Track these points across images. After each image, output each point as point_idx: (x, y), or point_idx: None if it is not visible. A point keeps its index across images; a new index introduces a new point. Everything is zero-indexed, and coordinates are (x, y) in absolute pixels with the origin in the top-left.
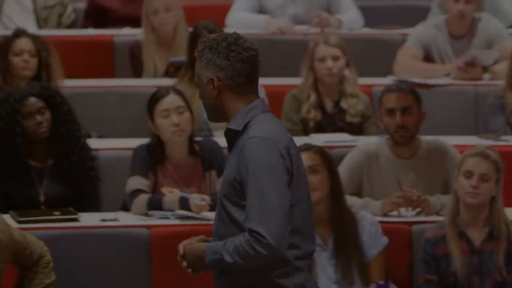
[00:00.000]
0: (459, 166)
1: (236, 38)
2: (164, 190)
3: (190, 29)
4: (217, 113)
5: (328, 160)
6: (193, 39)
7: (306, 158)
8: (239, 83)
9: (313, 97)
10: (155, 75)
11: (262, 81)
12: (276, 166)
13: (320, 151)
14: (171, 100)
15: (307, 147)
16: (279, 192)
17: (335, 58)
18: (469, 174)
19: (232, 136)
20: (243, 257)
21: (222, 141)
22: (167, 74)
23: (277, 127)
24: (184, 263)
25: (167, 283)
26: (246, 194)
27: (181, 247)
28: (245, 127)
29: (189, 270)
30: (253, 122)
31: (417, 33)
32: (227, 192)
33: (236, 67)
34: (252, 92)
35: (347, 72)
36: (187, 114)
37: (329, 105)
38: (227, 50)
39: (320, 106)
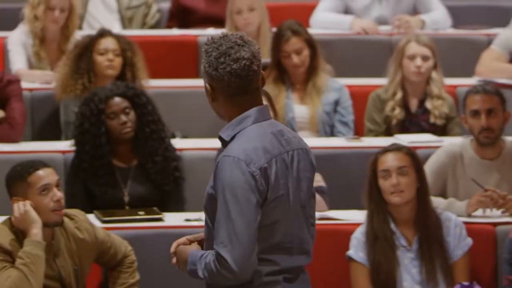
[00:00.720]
0: None
1: (229, 47)
2: None
3: (274, 29)
4: (220, 116)
5: (417, 161)
6: (277, 39)
7: (396, 159)
8: (231, 94)
9: (399, 95)
10: None
11: (346, 81)
12: (244, 189)
13: (410, 153)
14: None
15: (397, 148)
16: (246, 217)
17: (425, 58)
18: None
19: (223, 144)
20: (210, 275)
21: (306, 141)
22: None
23: (259, 144)
24: (174, 260)
25: None
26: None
27: (174, 245)
28: (232, 138)
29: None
30: (239, 134)
31: (503, 36)
32: (207, 204)
33: (225, 79)
34: (247, 101)
35: (434, 74)
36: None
37: (413, 104)
38: (216, 61)
39: (404, 104)
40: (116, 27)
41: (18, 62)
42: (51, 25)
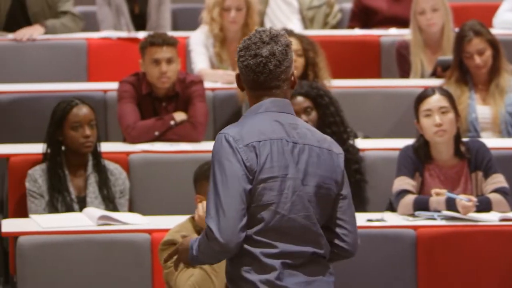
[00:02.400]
0: None
1: (254, 42)
2: (433, 191)
3: (457, 30)
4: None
5: None
6: (459, 40)
7: None
8: (249, 87)
9: None
10: (422, 76)
11: None
12: (231, 163)
13: None
14: (434, 100)
15: None
16: (232, 190)
17: None
18: None
19: None
20: (201, 251)
21: (489, 141)
22: (434, 74)
23: (256, 127)
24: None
25: (433, 284)
26: None
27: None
28: None
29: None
30: (243, 117)
31: None
32: None
33: (243, 72)
34: (266, 96)
35: None
36: (450, 115)
37: None
38: (238, 53)
39: None
40: (296, 27)
41: (200, 62)
42: (230, 26)
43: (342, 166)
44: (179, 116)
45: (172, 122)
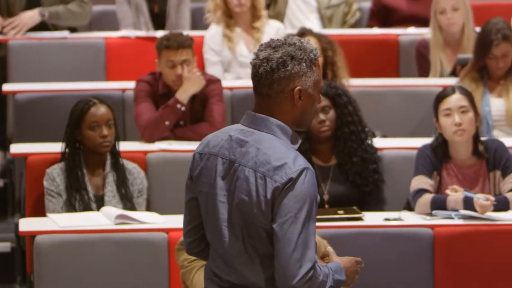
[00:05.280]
0: None
1: (264, 44)
2: (448, 190)
3: (478, 29)
4: None
5: None
6: (485, 41)
7: None
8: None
9: None
10: (441, 75)
11: None
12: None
13: None
14: (454, 100)
15: None
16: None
17: None
18: None
19: None
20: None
21: (507, 141)
22: (454, 73)
23: (211, 137)
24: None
25: (451, 284)
26: None
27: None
28: None
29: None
30: None
31: None
32: None
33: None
34: (259, 101)
35: None
36: (470, 115)
37: None
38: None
39: None
40: (315, 26)
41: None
42: (236, 9)
43: (272, 196)
44: (182, 95)
45: (178, 106)
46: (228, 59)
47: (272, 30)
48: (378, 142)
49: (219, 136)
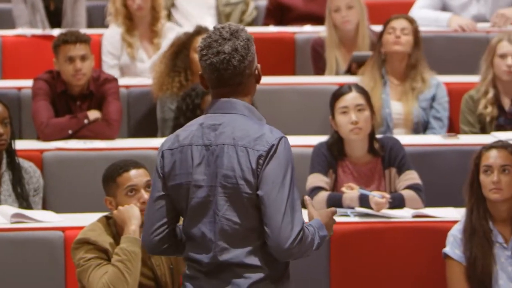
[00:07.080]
0: None
1: (214, 40)
2: (344, 187)
3: (373, 27)
4: None
5: None
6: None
7: (500, 156)
8: (212, 85)
9: (490, 94)
10: (337, 73)
11: (442, 78)
12: (156, 167)
13: None
14: (351, 98)
15: (503, 145)
16: (152, 195)
17: None
18: None
19: None
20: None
21: (403, 138)
22: (349, 71)
23: (180, 131)
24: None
25: (346, 280)
26: None
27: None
28: None
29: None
30: None
31: None
32: None
33: (207, 71)
34: (227, 94)
35: None
36: (366, 113)
37: (507, 103)
38: (200, 53)
39: (497, 103)
40: (209, 23)
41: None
42: (137, 12)
43: (256, 164)
44: (93, 114)
45: (85, 121)
46: (126, 64)
47: (171, 34)
48: None
49: (188, 128)
